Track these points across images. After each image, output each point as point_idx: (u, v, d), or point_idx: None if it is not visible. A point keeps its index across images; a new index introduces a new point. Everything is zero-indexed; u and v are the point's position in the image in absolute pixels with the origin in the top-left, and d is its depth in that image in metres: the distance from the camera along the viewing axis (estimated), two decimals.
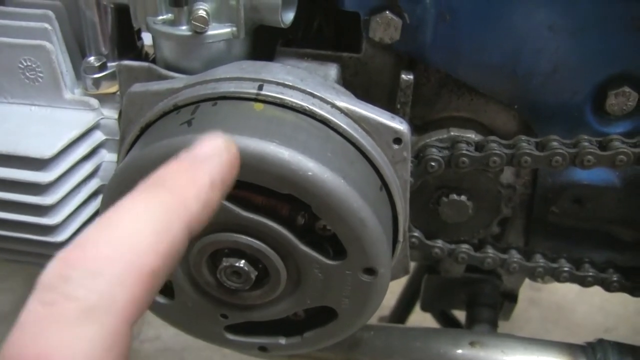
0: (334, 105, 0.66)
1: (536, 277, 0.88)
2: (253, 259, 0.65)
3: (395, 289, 1.56)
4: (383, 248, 0.64)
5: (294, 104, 0.64)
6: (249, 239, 0.63)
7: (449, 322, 1.36)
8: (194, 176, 0.40)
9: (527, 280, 1.13)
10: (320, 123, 0.65)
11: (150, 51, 0.86)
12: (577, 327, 2.00)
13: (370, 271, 0.64)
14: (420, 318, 1.43)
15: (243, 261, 0.65)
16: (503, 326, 1.17)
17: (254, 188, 0.61)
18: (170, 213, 0.37)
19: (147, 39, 0.88)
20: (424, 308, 1.24)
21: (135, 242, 0.35)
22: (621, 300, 1.95)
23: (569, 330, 1.99)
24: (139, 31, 0.87)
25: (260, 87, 0.65)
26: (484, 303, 1.11)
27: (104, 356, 0.32)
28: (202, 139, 0.43)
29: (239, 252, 0.65)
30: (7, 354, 0.32)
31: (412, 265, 1.43)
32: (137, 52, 0.87)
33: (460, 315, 1.27)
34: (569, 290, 2.07)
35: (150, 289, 0.35)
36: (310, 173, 0.59)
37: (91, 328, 0.32)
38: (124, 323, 0.34)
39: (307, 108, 0.64)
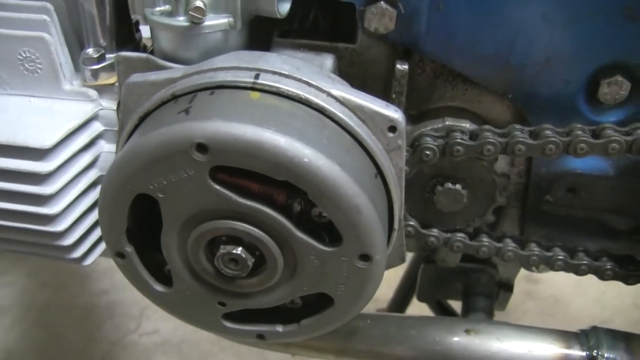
0: (329, 94, 0.67)
1: (531, 265, 0.89)
2: (250, 246, 0.66)
3: (392, 282, 1.57)
4: (378, 234, 0.65)
5: (290, 93, 0.65)
6: (246, 226, 0.64)
7: (445, 312, 1.36)
8: None
9: (523, 273, 1.14)
10: (316, 111, 0.65)
11: (148, 43, 0.86)
12: (573, 320, 2.00)
13: (366, 257, 0.65)
14: (417, 311, 1.44)
15: (240, 248, 0.65)
16: (499, 317, 1.17)
17: (250, 175, 0.62)
18: None
19: (145, 32, 0.89)
20: (421, 298, 1.24)
21: None
22: (617, 292, 1.97)
23: (565, 322, 1.98)
24: (137, 23, 0.88)
25: (256, 76, 0.66)
26: (480, 292, 1.12)
27: None
28: None
29: (236, 239, 0.66)
30: None
31: (410, 257, 1.44)
32: (136, 44, 0.87)
33: (457, 306, 1.27)
34: (565, 283, 2.08)
35: None
36: (306, 159, 0.59)
37: None
38: None
39: (302, 96, 0.65)
